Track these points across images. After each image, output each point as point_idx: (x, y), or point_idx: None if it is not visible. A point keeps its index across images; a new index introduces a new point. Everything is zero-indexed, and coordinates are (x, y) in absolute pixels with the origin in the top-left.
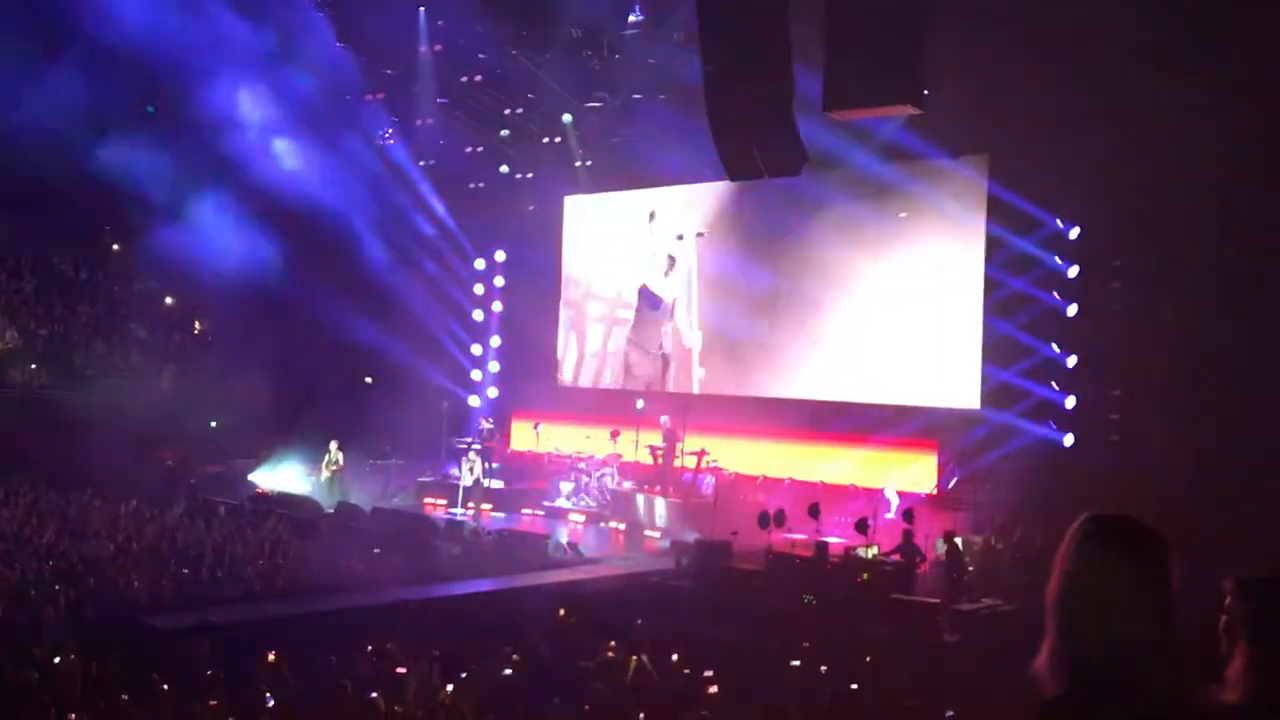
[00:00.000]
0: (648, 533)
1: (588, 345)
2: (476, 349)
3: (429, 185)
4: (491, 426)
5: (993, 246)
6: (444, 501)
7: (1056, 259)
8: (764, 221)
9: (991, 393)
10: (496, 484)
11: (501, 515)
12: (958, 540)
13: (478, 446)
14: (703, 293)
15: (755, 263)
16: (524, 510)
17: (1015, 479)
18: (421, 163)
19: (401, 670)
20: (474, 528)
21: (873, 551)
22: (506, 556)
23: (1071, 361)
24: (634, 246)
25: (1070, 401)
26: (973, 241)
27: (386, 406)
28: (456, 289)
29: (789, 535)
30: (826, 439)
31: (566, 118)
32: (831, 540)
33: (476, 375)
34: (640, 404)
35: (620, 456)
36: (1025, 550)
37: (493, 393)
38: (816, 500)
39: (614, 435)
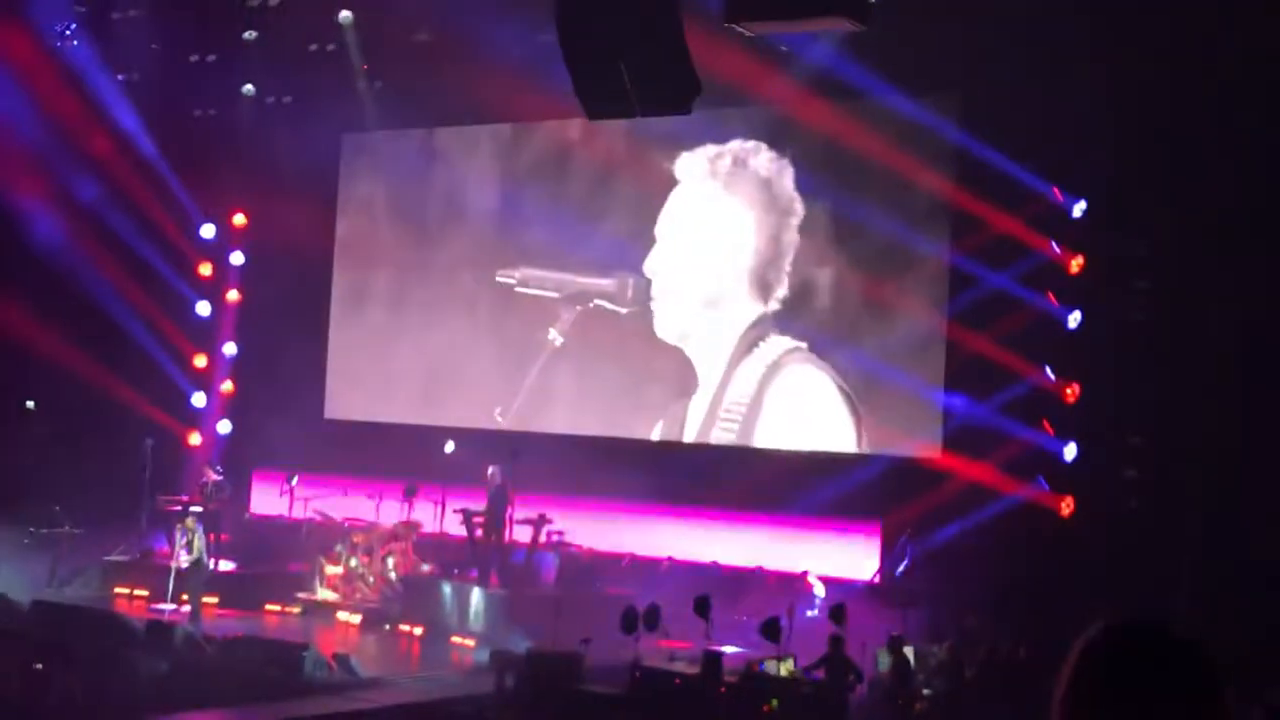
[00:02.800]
0: (457, 640)
1: (372, 357)
2: (200, 360)
3: (130, 111)
4: (221, 479)
5: (963, 226)
6: (145, 593)
7: (1054, 245)
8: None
9: (957, 436)
10: (227, 565)
11: (234, 614)
12: (908, 651)
13: (199, 509)
14: None
15: (621, 240)
16: (269, 606)
17: (990, 562)
18: (121, 76)
19: None
20: (191, 633)
21: (787, 666)
22: (240, 677)
23: (1073, 393)
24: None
25: (1070, 451)
26: (934, 218)
27: (57, 447)
28: (171, 270)
29: (666, 643)
30: (721, 502)
31: (345, 15)
32: (728, 650)
33: (199, 400)
34: (450, 446)
35: (418, 526)
36: (1004, 669)
37: (224, 427)
38: (706, 591)
39: (409, 494)
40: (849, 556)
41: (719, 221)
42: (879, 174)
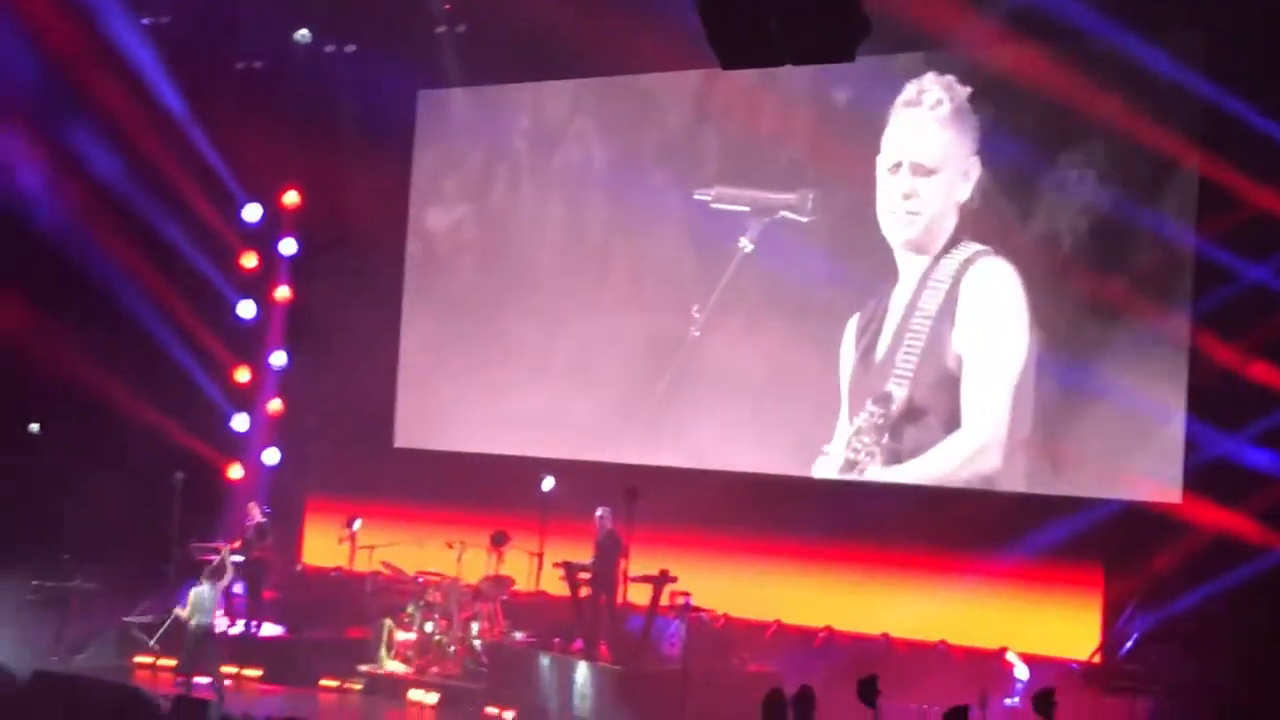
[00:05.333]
0: None
1: (454, 370)
2: (242, 374)
3: (157, 64)
4: (265, 521)
5: (1210, 203)
6: (172, 663)
7: None
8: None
9: (1202, 474)
10: (273, 629)
11: (282, 690)
12: None
13: (240, 559)
14: None
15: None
16: (324, 681)
17: (1244, 638)
18: (146, 20)
19: None
20: (228, 714)
21: None
22: None
23: None
24: (552, 181)
25: None
26: (1171, 192)
27: (66, 481)
28: (207, 261)
29: None
30: (896, 558)
31: None
32: None
33: (241, 424)
34: (549, 483)
35: (511, 582)
36: None
37: (271, 457)
38: (874, 672)
39: (497, 543)
40: (1060, 628)
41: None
42: (1097, 135)
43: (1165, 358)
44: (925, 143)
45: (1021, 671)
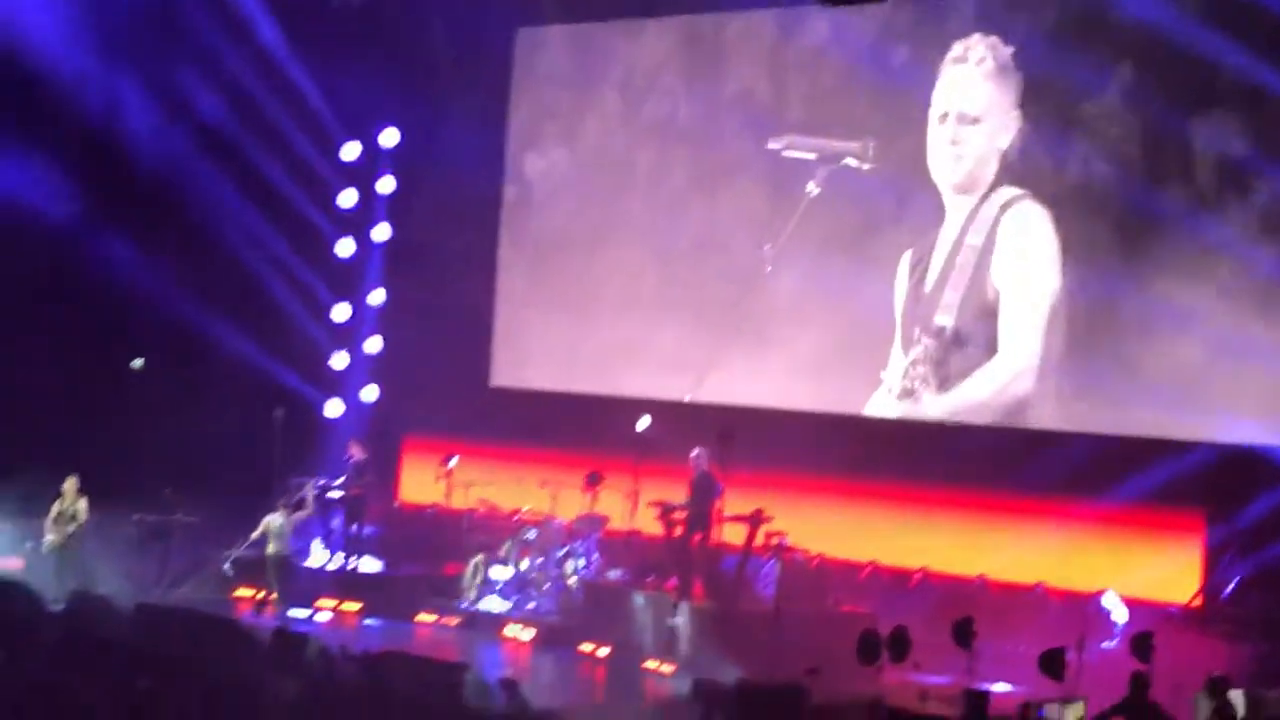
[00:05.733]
0: (651, 665)
1: (552, 309)
2: (341, 312)
3: (258, 3)
4: (365, 458)
5: None
6: (272, 595)
7: None
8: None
9: None
10: (371, 565)
11: (378, 623)
12: (1235, 696)
13: (338, 494)
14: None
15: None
16: (421, 616)
17: None
18: None
19: None
20: (326, 647)
21: (1076, 712)
22: (386, 703)
23: None
24: (640, 128)
25: None
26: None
27: (169, 416)
28: (306, 199)
29: (915, 677)
30: (994, 501)
31: None
32: (996, 688)
33: (340, 362)
34: (645, 422)
35: (605, 521)
36: None
37: (370, 395)
38: (969, 613)
39: (592, 482)
40: (1160, 571)
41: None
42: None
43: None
44: (970, 95)
45: (1120, 615)
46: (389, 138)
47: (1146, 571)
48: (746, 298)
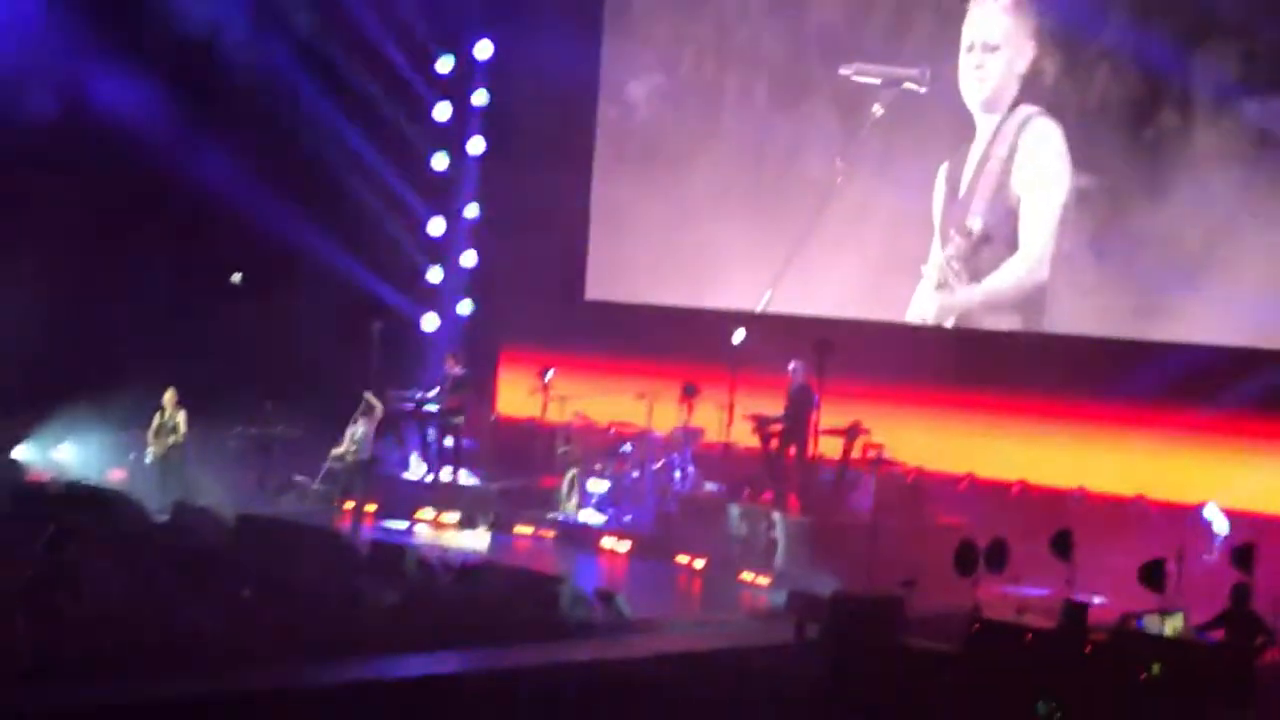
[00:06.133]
0: (747, 577)
1: (647, 222)
2: (436, 226)
3: None
4: (462, 372)
5: None
6: (372, 507)
7: None
8: None
9: None
10: (468, 477)
11: (476, 536)
12: None
13: (435, 407)
14: None
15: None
16: (518, 528)
17: None
18: None
19: None
20: (424, 557)
21: (1175, 624)
22: (483, 613)
23: None
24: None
25: None
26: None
27: (269, 329)
28: (401, 114)
29: (1012, 589)
30: (1092, 410)
31: None
32: (1095, 600)
33: (435, 275)
34: (740, 335)
35: (701, 434)
36: None
37: (465, 308)
38: (1069, 526)
39: (688, 394)
40: (1262, 482)
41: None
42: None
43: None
44: (991, 27)
45: (1221, 526)
46: (483, 50)
47: (1249, 482)
48: (823, 207)
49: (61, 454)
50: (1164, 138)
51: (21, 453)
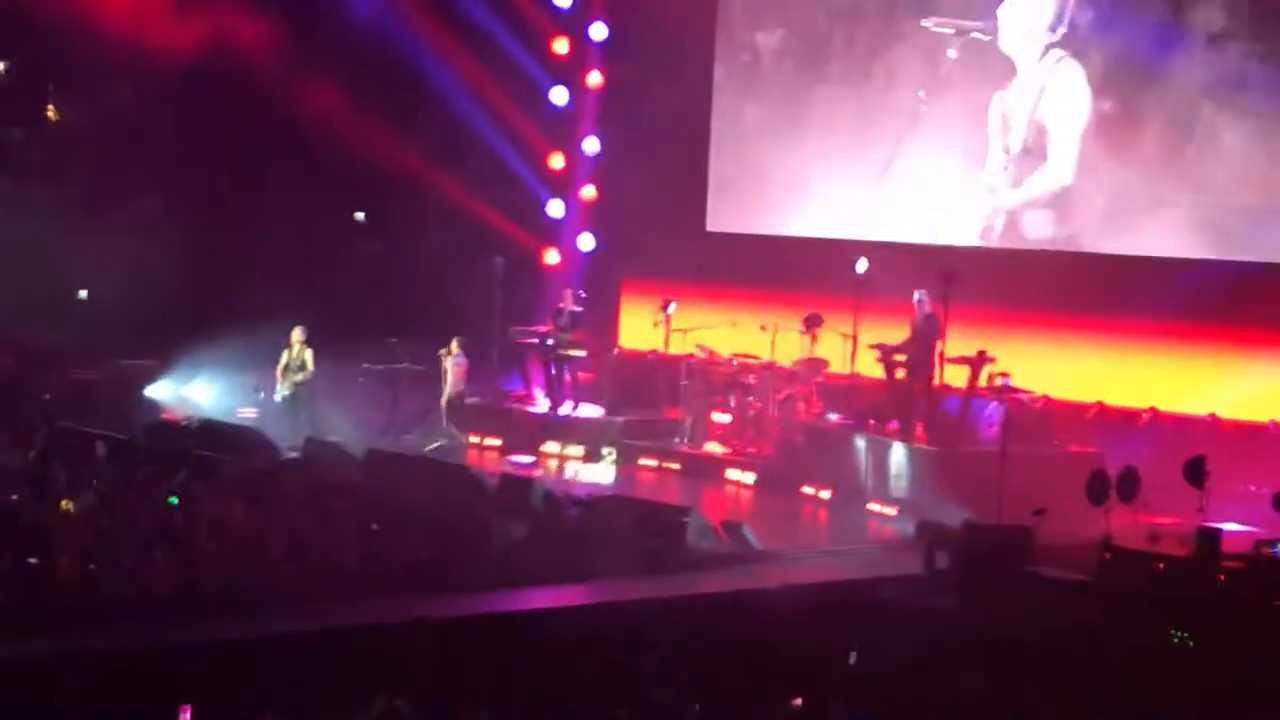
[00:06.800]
0: (874, 507)
1: (767, 153)
2: (557, 160)
3: None
4: (582, 309)
5: None
6: (498, 441)
7: None
8: None
9: None
10: (592, 410)
11: (601, 469)
12: None
13: (556, 340)
14: None
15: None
16: (642, 460)
17: None
18: None
19: None
20: (550, 491)
21: None
22: (610, 545)
23: None
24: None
25: None
26: None
27: (392, 267)
28: (519, 47)
29: (1146, 517)
30: (1225, 335)
31: None
32: (1228, 527)
33: (556, 210)
34: (863, 264)
35: (825, 365)
36: None
37: (586, 243)
38: (1201, 453)
39: (811, 325)
40: None
41: None
42: None
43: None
44: None
45: None
46: None
47: None
48: (908, 136)
49: (194, 392)
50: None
51: (155, 391)
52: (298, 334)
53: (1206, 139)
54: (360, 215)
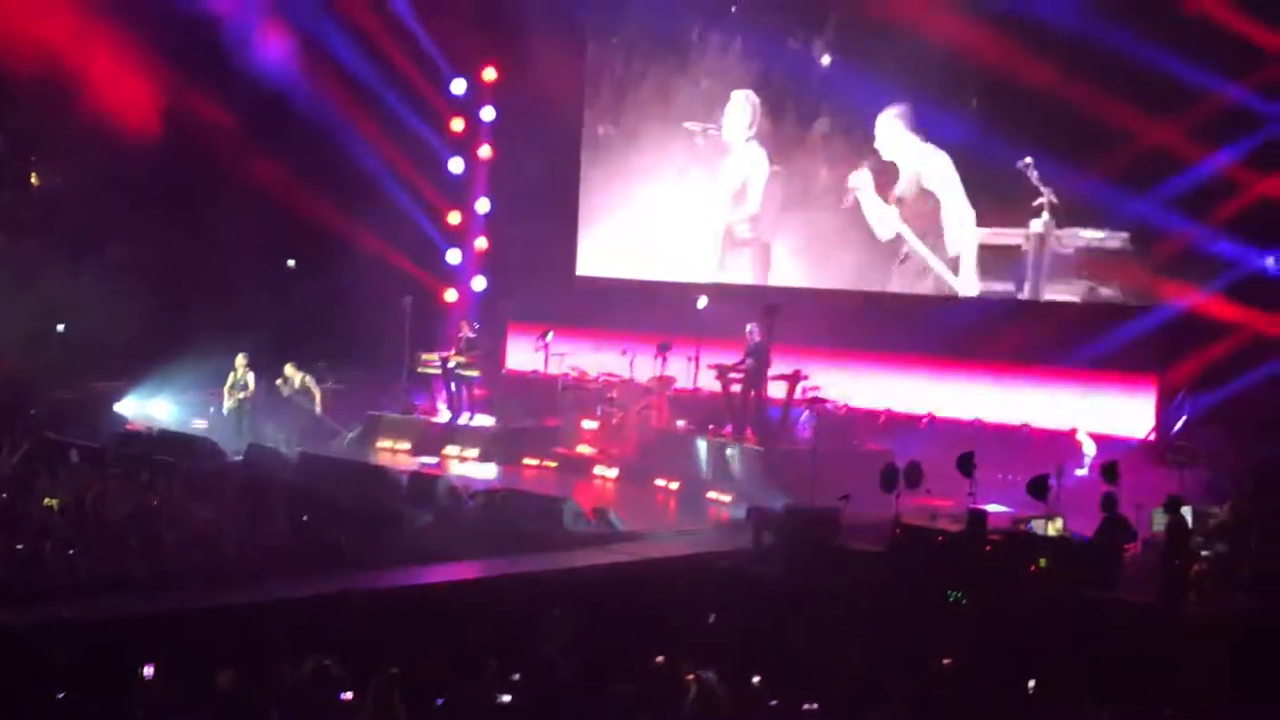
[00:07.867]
0: (713, 495)
1: (624, 212)
2: (454, 217)
3: None
4: (476, 335)
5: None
6: (408, 445)
7: None
8: None
9: (1242, 285)
10: (485, 420)
11: (493, 468)
12: (1186, 512)
13: (456, 363)
14: None
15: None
16: (526, 460)
17: (1277, 420)
18: None
19: (346, 696)
20: (452, 486)
21: (1056, 526)
22: (501, 529)
23: None
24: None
25: None
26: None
27: (320, 303)
28: (424, 125)
29: (927, 501)
30: (985, 357)
31: None
32: (993, 509)
33: (454, 257)
34: (703, 301)
35: (673, 381)
36: None
37: (479, 284)
38: (970, 449)
39: (662, 351)
40: (1122, 413)
41: None
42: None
43: (1212, 191)
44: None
45: (1090, 447)
46: (489, 74)
47: (1112, 411)
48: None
49: (154, 407)
50: None
51: (122, 407)
52: (241, 359)
53: None
54: (292, 261)
